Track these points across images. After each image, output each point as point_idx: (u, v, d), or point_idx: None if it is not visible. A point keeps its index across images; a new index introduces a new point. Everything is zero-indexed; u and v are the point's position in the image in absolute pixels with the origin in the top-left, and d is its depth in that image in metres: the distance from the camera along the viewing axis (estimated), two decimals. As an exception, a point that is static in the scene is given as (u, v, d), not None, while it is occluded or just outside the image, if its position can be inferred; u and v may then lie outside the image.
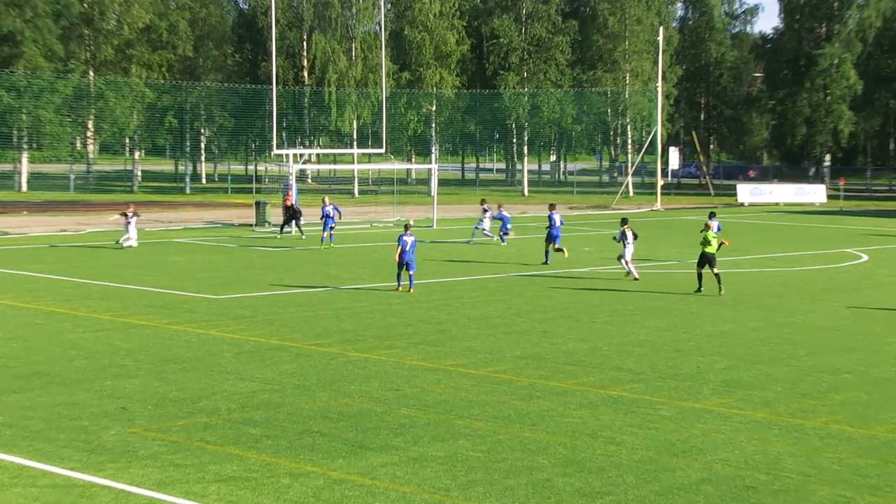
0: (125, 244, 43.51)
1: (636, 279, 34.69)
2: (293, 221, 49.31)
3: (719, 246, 32.20)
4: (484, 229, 48.15)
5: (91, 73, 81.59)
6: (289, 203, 50.11)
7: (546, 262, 39.04)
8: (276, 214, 55.04)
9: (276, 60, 66.00)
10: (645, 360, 22.75)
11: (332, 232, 45.79)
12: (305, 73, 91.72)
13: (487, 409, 18.42)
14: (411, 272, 31.84)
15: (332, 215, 45.72)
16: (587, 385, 20.29)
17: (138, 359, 22.22)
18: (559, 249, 39.51)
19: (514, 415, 18.11)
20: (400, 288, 32.03)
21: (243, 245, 46.08)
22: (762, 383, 20.74)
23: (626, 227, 35.23)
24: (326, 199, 46.99)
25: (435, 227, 55.23)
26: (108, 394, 19.20)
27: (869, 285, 35.20)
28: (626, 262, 35.00)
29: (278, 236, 48.38)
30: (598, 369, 21.74)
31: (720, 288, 32.05)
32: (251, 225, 54.66)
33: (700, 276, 32.41)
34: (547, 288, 33.37)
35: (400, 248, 31.84)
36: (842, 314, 29.17)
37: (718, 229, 39.38)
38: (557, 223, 39.79)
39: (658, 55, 78.35)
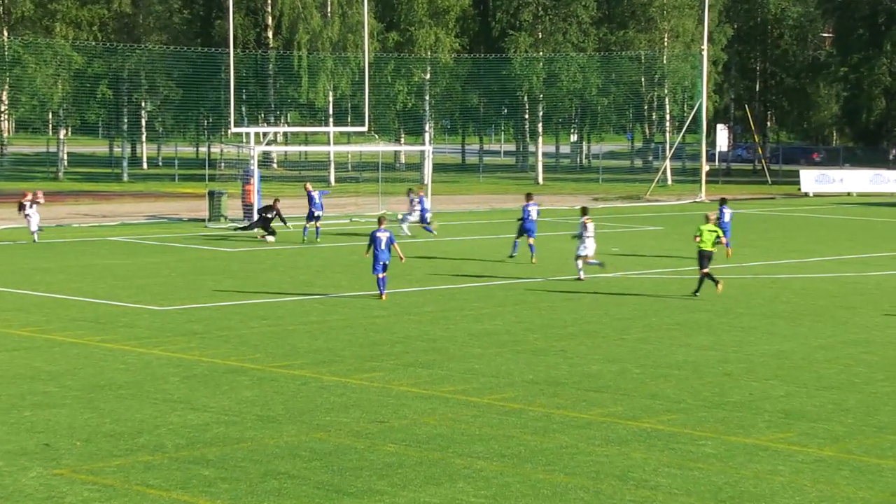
0: (36, 237, 44.58)
1: (580, 279, 36.25)
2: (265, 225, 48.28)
3: (715, 243, 33.36)
4: (402, 224, 48.99)
5: (5, 33, 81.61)
6: (277, 204, 48.71)
7: (512, 256, 41.41)
8: (233, 207, 55.10)
9: (234, 17, 66.13)
10: (686, 385, 22.83)
11: (318, 224, 46.82)
12: (270, 34, 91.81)
13: (493, 446, 18.49)
14: (384, 274, 32.39)
15: (318, 201, 46.83)
16: (615, 416, 20.37)
17: (64, 384, 22.27)
18: (530, 246, 41.61)
19: (525, 452, 18.18)
20: (384, 296, 32.20)
21: (194, 245, 46.12)
22: (829, 414, 20.83)
23: (586, 217, 36.68)
24: (310, 186, 48.15)
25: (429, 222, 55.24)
26: (28, 427, 19.25)
27: (961, 294, 35.29)
28: (583, 260, 36.25)
29: (235, 230, 48.55)
30: (628, 397, 21.82)
31: (715, 283, 33.06)
32: (203, 220, 54.73)
33: (709, 277, 33.19)
34: (566, 298, 33.45)
35: (373, 247, 32.23)
36: (928, 329, 29.26)
37: (727, 220, 41.49)
38: (533, 216, 41.99)
39: (703, 11, 78.41)
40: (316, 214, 46.62)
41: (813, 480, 17.04)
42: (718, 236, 33.54)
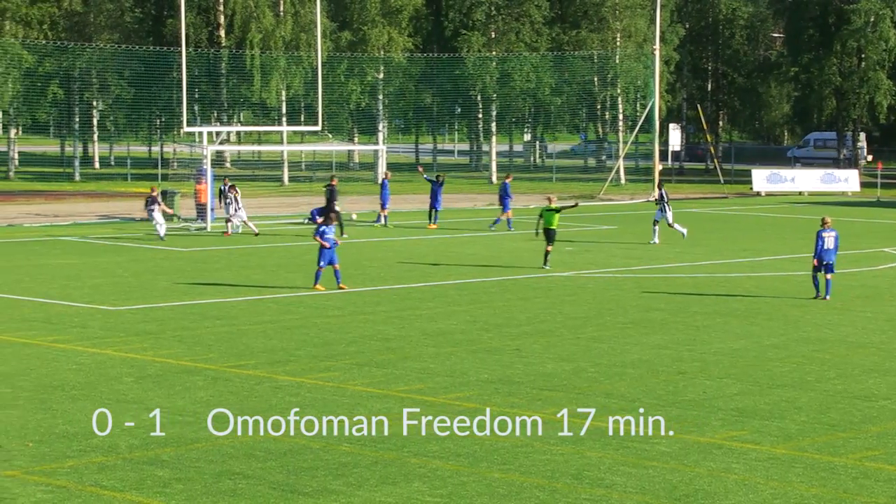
0: None
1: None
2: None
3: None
4: (241, 219, 49.29)
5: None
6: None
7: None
8: (186, 206, 54.89)
9: (186, 16, 65.79)
10: (640, 384, 22.91)
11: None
12: (222, 33, 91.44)
13: (448, 445, 18.49)
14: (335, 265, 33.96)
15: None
16: (570, 415, 20.41)
17: (16, 385, 22.13)
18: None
19: (480, 451, 18.20)
20: (317, 287, 33.63)
21: (147, 245, 45.93)
22: (782, 412, 20.96)
23: (228, 185, 49.29)
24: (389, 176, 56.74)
25: (383, 221, 55.22)
26: (-20, 428, 19.13)
27: (912, 292, 35.61)
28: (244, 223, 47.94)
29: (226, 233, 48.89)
30: (583, 395, 21.87)
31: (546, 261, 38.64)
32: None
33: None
34: (520, 297, 33.51)
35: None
36: (879, 328, 29.49)
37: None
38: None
39: (656, 11, 78.67)
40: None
41: (766, 478, 17.15)
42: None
